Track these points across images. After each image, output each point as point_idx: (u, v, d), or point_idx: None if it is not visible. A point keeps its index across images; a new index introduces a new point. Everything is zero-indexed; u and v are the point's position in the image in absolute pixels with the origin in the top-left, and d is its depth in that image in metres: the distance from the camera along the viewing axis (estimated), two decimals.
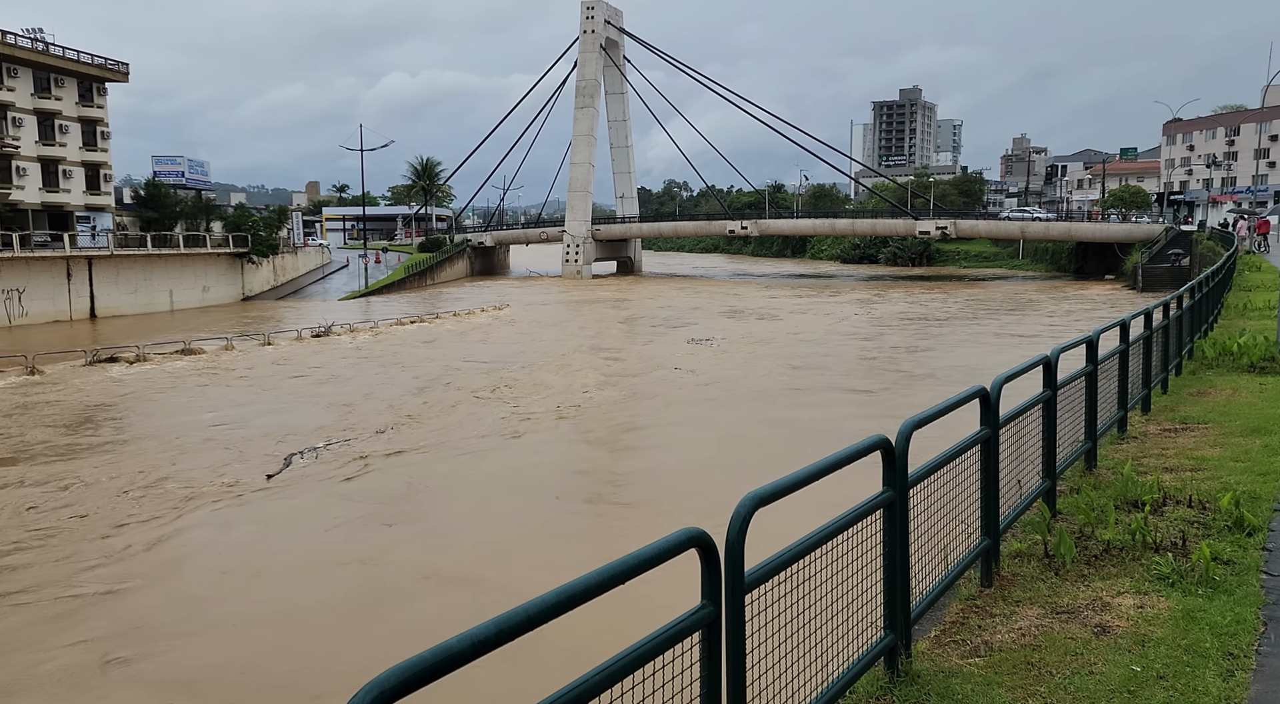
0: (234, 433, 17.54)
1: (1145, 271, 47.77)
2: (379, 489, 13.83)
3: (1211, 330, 14.01)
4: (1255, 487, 5.87)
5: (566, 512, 12.97)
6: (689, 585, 2.54)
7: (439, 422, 18.33)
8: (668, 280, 67.78)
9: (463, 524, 12.48)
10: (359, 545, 11.43)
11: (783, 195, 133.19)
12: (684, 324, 34.07)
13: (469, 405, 19.93)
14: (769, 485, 2.73)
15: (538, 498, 13.45)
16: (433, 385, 22.55)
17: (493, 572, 10.38)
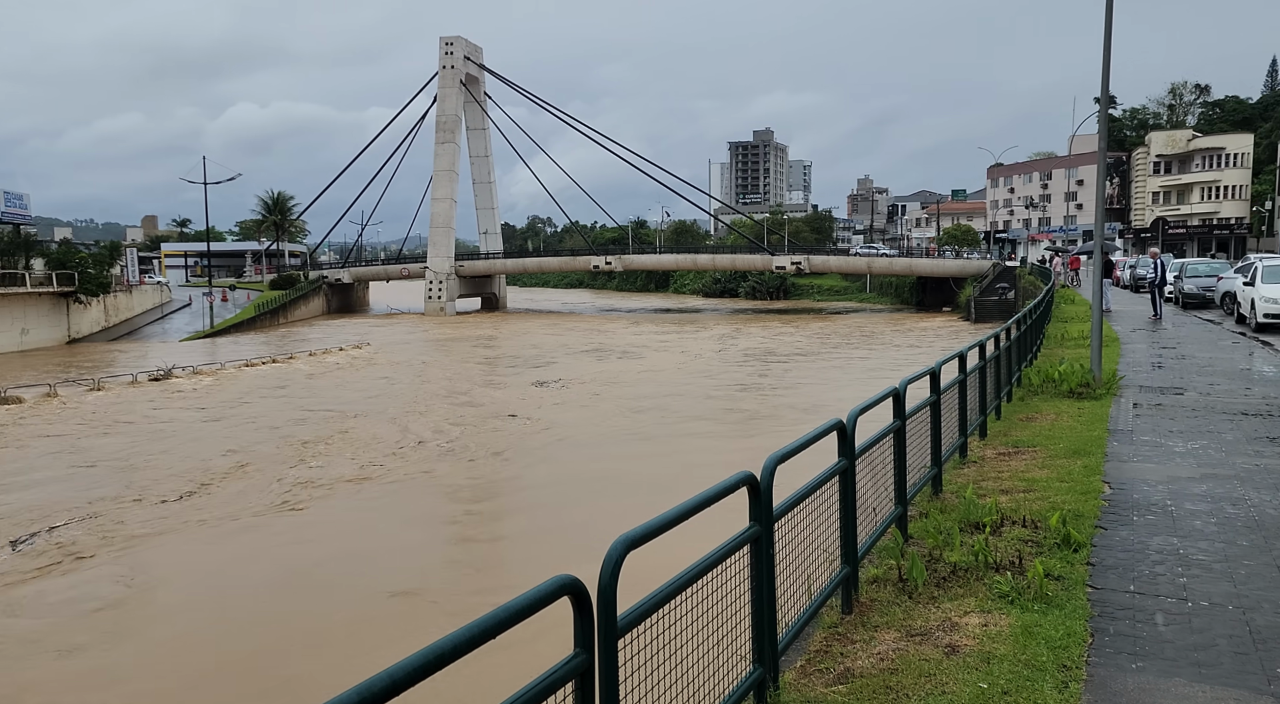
0: None
1: (977, 304, 51.52)
2: (79, 595, 10.67)
3: (1036, 359, 15.25)
4: (1079, 505, 6.40)
5: (309, 614, 10.13)
6: (557, 634, 2.51)
7: (235, 486, 15.49)
8: (534, 317, 67.52)
9: (180, 645, 9.43)
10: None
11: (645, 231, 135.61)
12: (546, 363, 33.34)
13: (278, 466, 16.97)
14: (640, 528, 2.74)
15: (293, 597, 10.74)
16: (261, 437, 19.91)
17: None
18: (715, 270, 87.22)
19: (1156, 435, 8.86)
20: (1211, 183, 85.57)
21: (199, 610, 10.55)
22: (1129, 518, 6.09)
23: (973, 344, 9.03)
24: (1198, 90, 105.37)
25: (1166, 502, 6.47)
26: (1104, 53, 12.38)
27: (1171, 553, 5.32)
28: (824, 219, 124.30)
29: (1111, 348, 16.58)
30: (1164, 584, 4.82)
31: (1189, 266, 30.55)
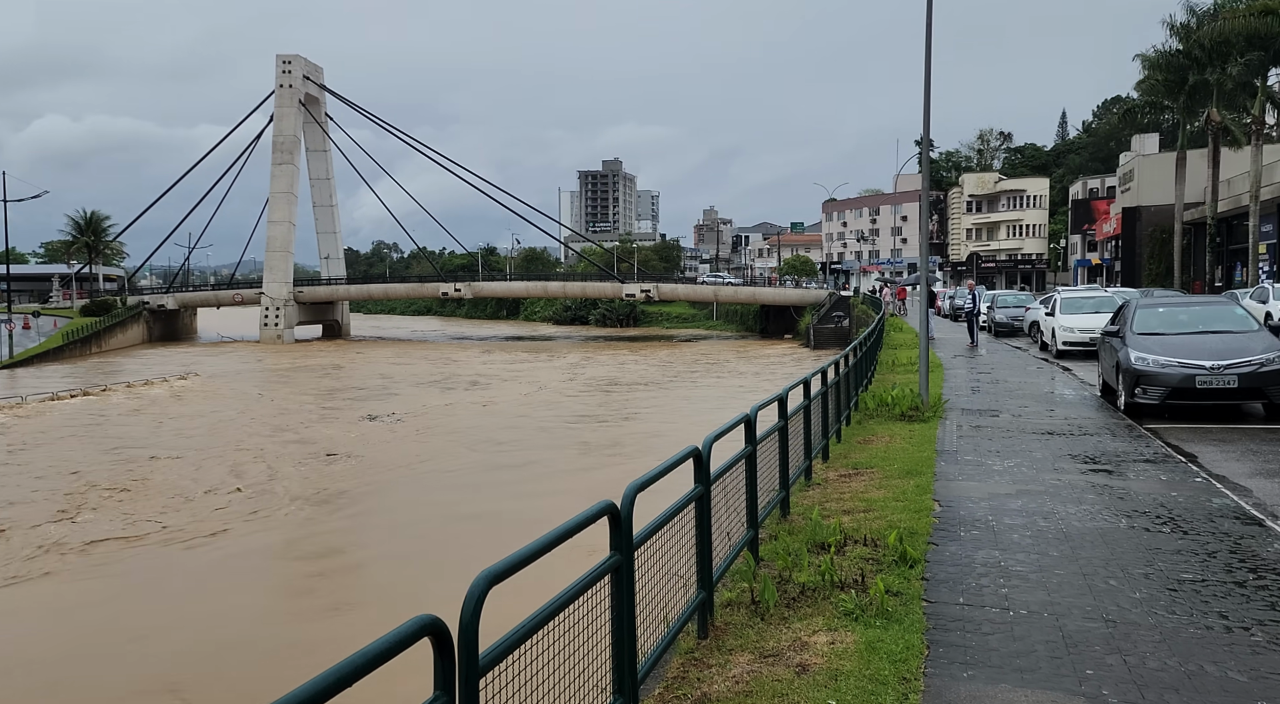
0: None
1: (816, 331, 54.19)
2: None
3: (871, 384, 16.19)
4: (913, 523, 6.81)
5: None
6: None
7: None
8: (379, 345, 65.20)
9: None
10: None
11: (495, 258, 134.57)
12: (388, 395, 31.64)
13: (41, 523, 14.19)
14: (502, 562, 2.68)
15: None
16: (41, 485, 17.11)
17: None
18: (566, 298, 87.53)
19: (977, 455, 9.58)
20: (1015, 221, 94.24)
21: None
22: (957, 533, 6.53)
23: (815, 371, 9.47)
24: (1002, 137, 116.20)
25: (989, 517, 6.99)
26: (924, 116, 13.43)
27: (994, 566, 5.74)
28: (672, 248, 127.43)
29: (936, 373, 17.84)
30: (989, 595, 5.20)
31: (999, 298, 33.42)
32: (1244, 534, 6.33)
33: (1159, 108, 48.98)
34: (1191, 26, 41.18)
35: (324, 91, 76.81)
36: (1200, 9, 41.48)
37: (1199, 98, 42.17)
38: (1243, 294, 31.64)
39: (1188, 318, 12.79)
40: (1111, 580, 5.39)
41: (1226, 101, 41.24)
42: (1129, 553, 5.94)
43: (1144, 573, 5.51)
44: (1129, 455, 9.37)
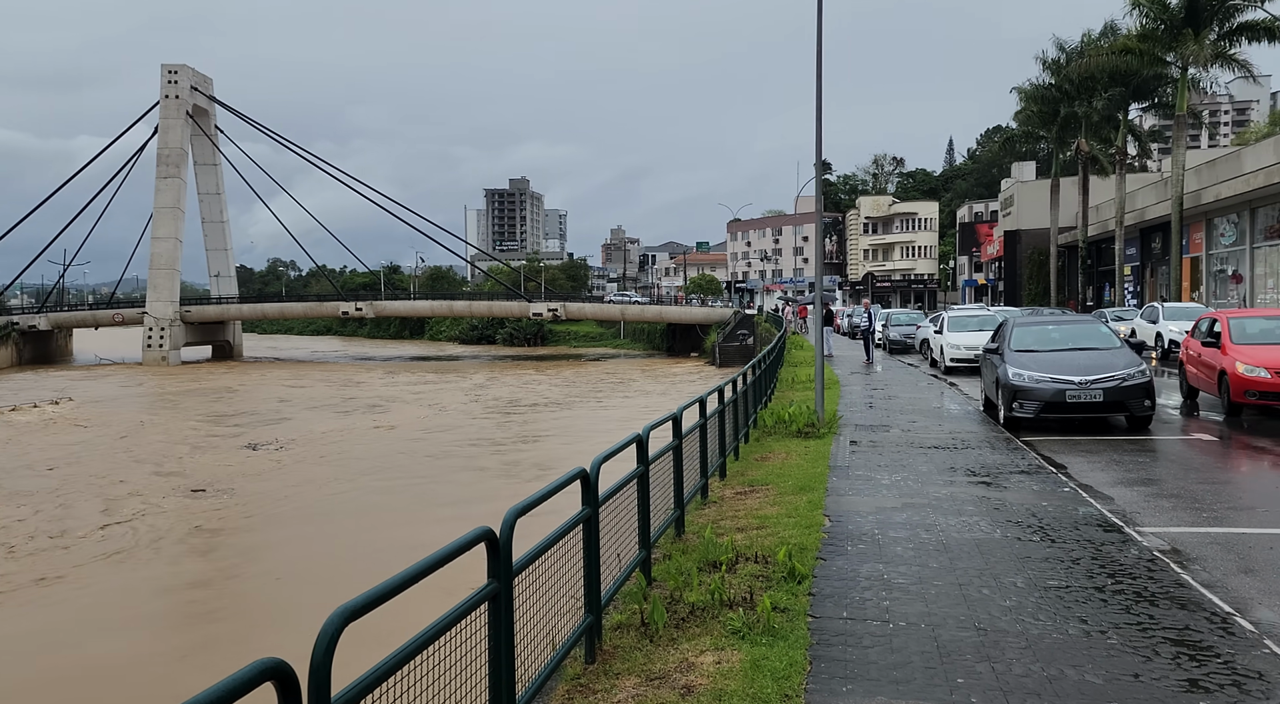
0: None
1: (721, 349, 55.05)
2: None
3: (770, 401, 16.52)
4: (803, 538, 6.96)
5: None
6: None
7: None
8: (274, 366, 62.79)
9: None
10: None
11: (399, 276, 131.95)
12: (279, 420, 29.81)
13: None
14: (361, 597, 2.57)
15: None
16: None
17: None
18: (472, 317, 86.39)
19: (868, 470, 9.88)
20: (909, 243, 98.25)
21: None
22: (844, 548, 6.70)
23: (711, 390, 9.60)
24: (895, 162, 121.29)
25: (874, 531, 7.20)
26: (816, 142, 13.88)
27: (878, 579, 5.91)
28: (580, 267, 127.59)
29: (833, 390, 18.36)
30: (871, 608, 5.34)
31: (893, 317, 34.71)
32: (1105, 541, 6.71)
33: (1035, 137, 52.08)
34: (1061, 63, 44.02)
35: (213, 103, 74.01)
36: (1069, 47, 44.39)
37: (1070, 129, 45.05)
38: (1134, 313, 33.68)
39: (1059, 336, 13.55)
40: (985, 589, 5.62)
41: (1094, 133, 44.19)
42: (1002, 562, 6.21)
43: (1014, 581, 5.76)
44: (1006, 468, 9.83)
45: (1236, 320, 14.08)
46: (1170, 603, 5.27)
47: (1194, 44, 32.52)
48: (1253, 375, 12.54)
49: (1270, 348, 12.92)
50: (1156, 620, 4.99)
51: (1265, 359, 12.61)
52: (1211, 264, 38.07)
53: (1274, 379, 12.39)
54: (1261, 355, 12.74)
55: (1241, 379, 12.65)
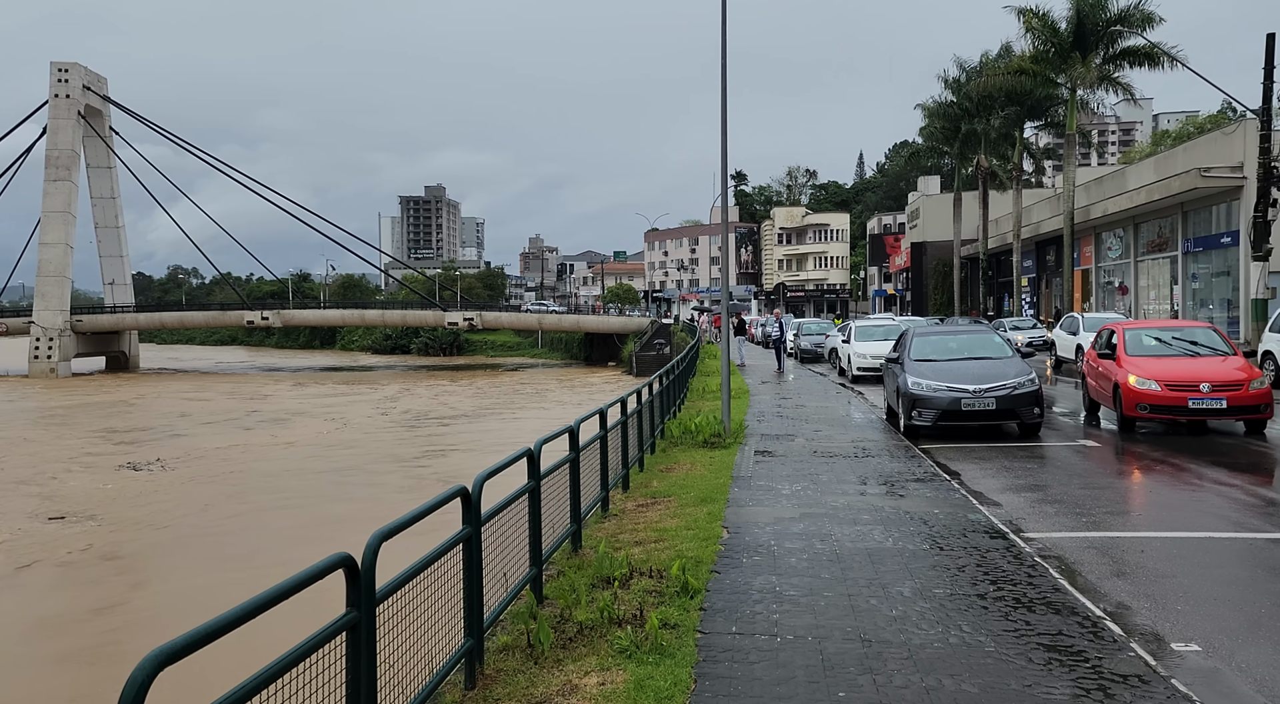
0: None
1: (638, 359, 55.18)
2: None
3: (680, 411, 16.54)
4: (700, 551, 6.91)
5: None
6: None
7: None
8: (173, 378, 60.07)
9: None
10: None
11: (310, 284, 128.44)
12: (171, 436, 27.75)
13: None
14: (184, 636, 2.32)
15: None
16: None
17: None
18: (386, 326, 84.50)
19: (770, 480, 9.94)
20: (821, 253, 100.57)
21: None
22: (739, 560, 6.69)
23: (613, 401, 9.52)
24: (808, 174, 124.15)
25: (771, 542, 7.22)
26: (721, 153, 14.01)
27: (770, 591, 5.90)
28: (497, 275, 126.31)
29: (741, 400, 18.53)
30: (760, 622, 5.31)
31: (804, 326, 35.38)
32: (990, 547, 6.88)
33: (939, 152, 54.06)
34: (962, 81, 45.83)
35: (108, 103, 70.61)
36: (969, 66, 46.26)
37: (971, 145, 46.91)
38: (1030, 322, 34.92)
39: (956, 345, 13.98)
40: (873, 599, 5.66)
41: (993, 149, 46.11)
42: (891, 571, 6.29)
43: (901, 591, 5.84)
44: (903, 475, 10.03)
45: (1133, 332, 13.86)
46: (1046, 609, 5.40)
47: (1081, 67, 34.27)
48: (1144, 388, 12.38)
49: (1164, 361, 12.85)
50: (1032, 626, 5.10)
51: (1157, 371, 12.52)
52: (1100, 276, 40.11)
53: (1164, 392, 12.22)
54: (1154, 368, 12.63)
55: (1133, 392, 12.46)
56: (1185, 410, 12.15)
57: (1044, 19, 35.66)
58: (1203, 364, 12.66)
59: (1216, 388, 12.05)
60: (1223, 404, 11.99)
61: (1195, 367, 12.60)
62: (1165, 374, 12.44)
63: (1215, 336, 13.50)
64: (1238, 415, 12.15)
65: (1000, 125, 43.27)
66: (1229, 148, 29.52)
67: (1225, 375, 12.27)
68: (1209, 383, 12.12)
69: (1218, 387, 12.06)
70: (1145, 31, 33.07)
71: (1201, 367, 12.58)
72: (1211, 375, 12.25)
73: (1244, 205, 27.99)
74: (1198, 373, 12.36)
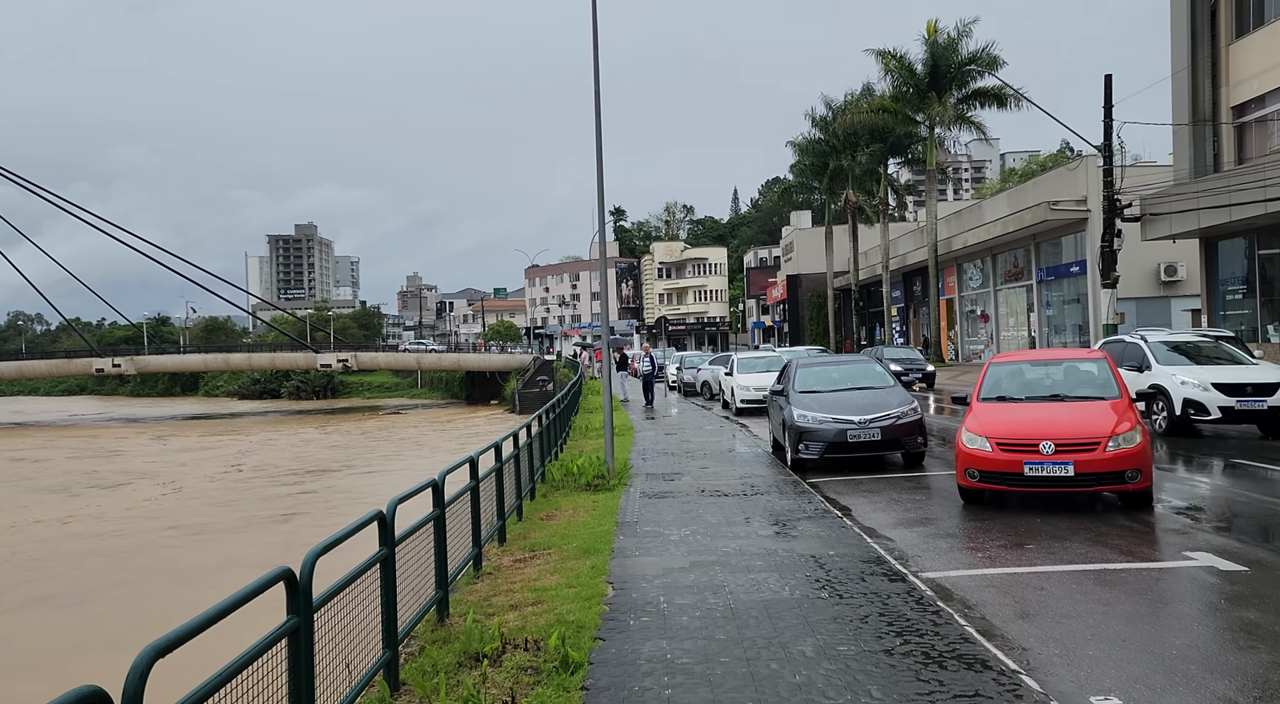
0: None
1: (521, 396, 54.03)
2: None
3: (561, 452, 15.80)
4: (582, 615, 6.21)
5: None
6: None
7: None
8: (10, 432, 54.63)
9: None
10: None
11: (169, 328, 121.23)
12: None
13: None
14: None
15: None
16: None
17: None
18: (253, 370, 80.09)
19: (657, 525, 9.35)
20: (701, 287, 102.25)
21: None
22: (626, 623, 6.03)
23: (485, 447, 8.74)
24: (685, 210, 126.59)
25: (660, 598, 6.59)
26: (598, 191, 13.56)
27: (661, 660, 5.27)
28: (373, 315, 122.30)
29: (626, 437, 17.96)
30: (651, 699, 4.67)
31: (687, 359, 35.33)
32: (890, 593, 6.48)
33: (809, 188, 55.85)
34: (829, 119, 47.58)
35: None
36: (835, 104, 48.11)
37: (839, 180, 48.62)
38: (906, 350, 35.36)
39: (839, 375, 13.87)
40: (773, 663, 5.11)
41: (859, 185, 47.93)
42: (791, 627, 5.77)
43: (803, 650, 5.31)
44: (794, 514, 9.64)
45: (1001, 368, 10.57)
46: (958, 663, 4.99)
47: (939, 105, 36.06)
48: (973, 448, 9.10)
49: (1017, 408, 9.50)
50: (947, 687, 4.66)
51: (997, 424, 9.11)
52: (963, 305, 42.02)
53: (996, 454, 8.86)
54: (997, 419, 9.24)
55: (963, 453, 9.24)
56: (1020, 479, 8.73)
57: (901, 61, 37.49)
58: (1059, 412, 9.16)
59: (1062, 448, 8.57)
60: (1069, 470, 8.51)
61: (1045, 416, 9.09)
62: (1004, 428, 9.01)
63: (1103, 372, 9.93)
64: (1090, 486, 8.61)
65: (866, 161, 45.05)
66: (1074, 182, 31.54)
67: (1077, 429, 8.72)
68: (1052, 441, 8.62)
69: (1063, 446, 8.57)
70: (992, 72, 35.18)
71: (1054, 416, 9.06)
72: (1060, 430, 8.73)
73: (1090, 236, 29.87)
74: (1043, 425, 8.85)
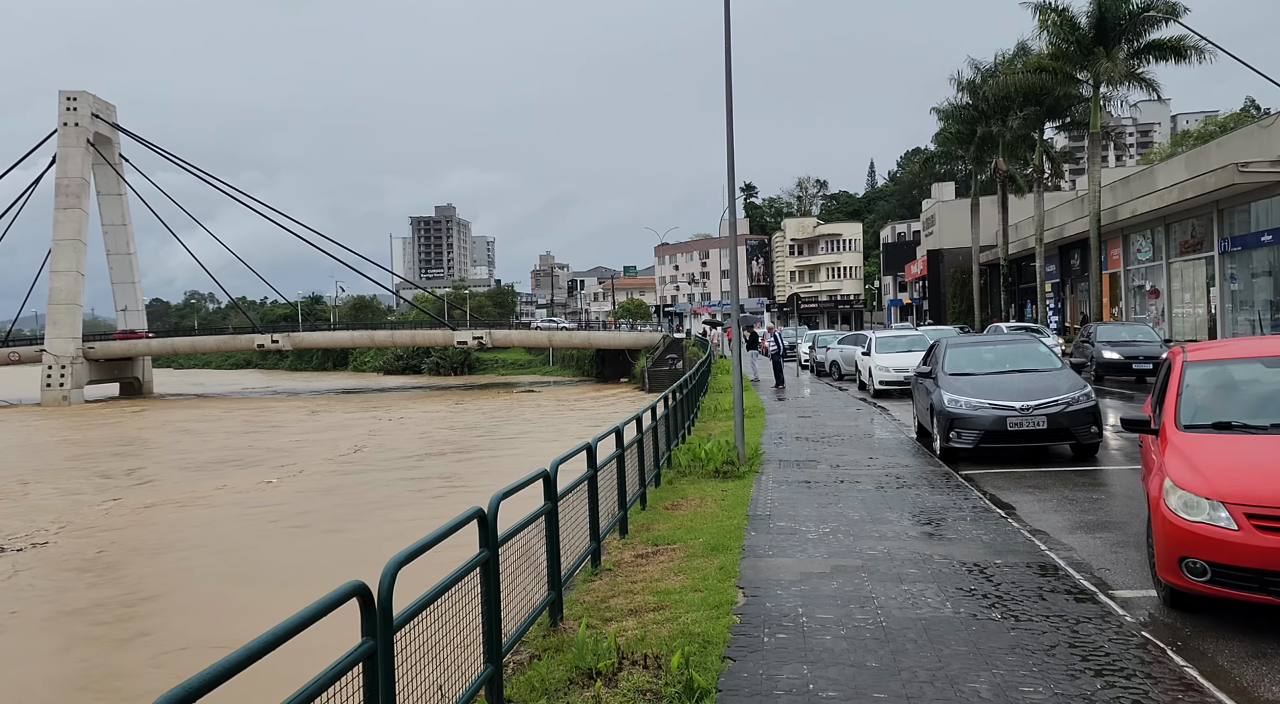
0: None
1: (650, 374, 53.77)
2: None
3: (689, 435, 15.10)
4: (709, 626, 5.49)
5: None
6: None
7: None
8: (185, 404, 59.13)
9: None
10: None
11: (321, 307, 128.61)
12: (147, 480, 25.64)
13: None
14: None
15: None
16: None
17: None
18: (395, 347, 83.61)
19: (792, 520, 8.50)
20: (834, 264, 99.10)
21: None
22: (760, 640, 5.27)
23: (605, 432, 8.13)
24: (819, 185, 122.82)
25: (798, 610, 5.79)
26: (728, 163, 12.67)
27: (802, 692, 4.48)
28: (507, 293, 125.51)
29: (756, 419, 17.08)
30: None
31: (819, 338, 33.88)
32: (1079, 616, 5.42)
33: (953, 157, 52.57)
34: (977, 83, 44.38)
35: (117, 131, 70.39)
36: (984, 67, 44.82)
37: (987, 148, 45.40)
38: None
39: (995, 357, 12.51)
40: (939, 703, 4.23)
41: (1009, 152, 44.55)
42: (958, 657, 4.84)
43: (976, 690, 4.39)
44: (948, 511, 8.58)
45: (1203, 370, 6.52)
46: None
47: (1106, 61, 32.76)
48: (1194, 520, 5.07)
49: (1256, 445, 5.50)
50: None
51: (1240, 479, 5.14)
52: (1130, 279, 38.40)
53: (1249, 535, 4.87)
54: (1232, 467, 5.29)
55: (1178, 531, 5.16)
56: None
57: (1062, 14, 34.24)
58: None
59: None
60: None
61: None
62: (1261, 486, 5.03)
63: None
64: None
65: (1018, 126, 41.74)
66: (1268, 142, 27.94)
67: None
68: None
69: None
70: (1169, 22, 31.60)
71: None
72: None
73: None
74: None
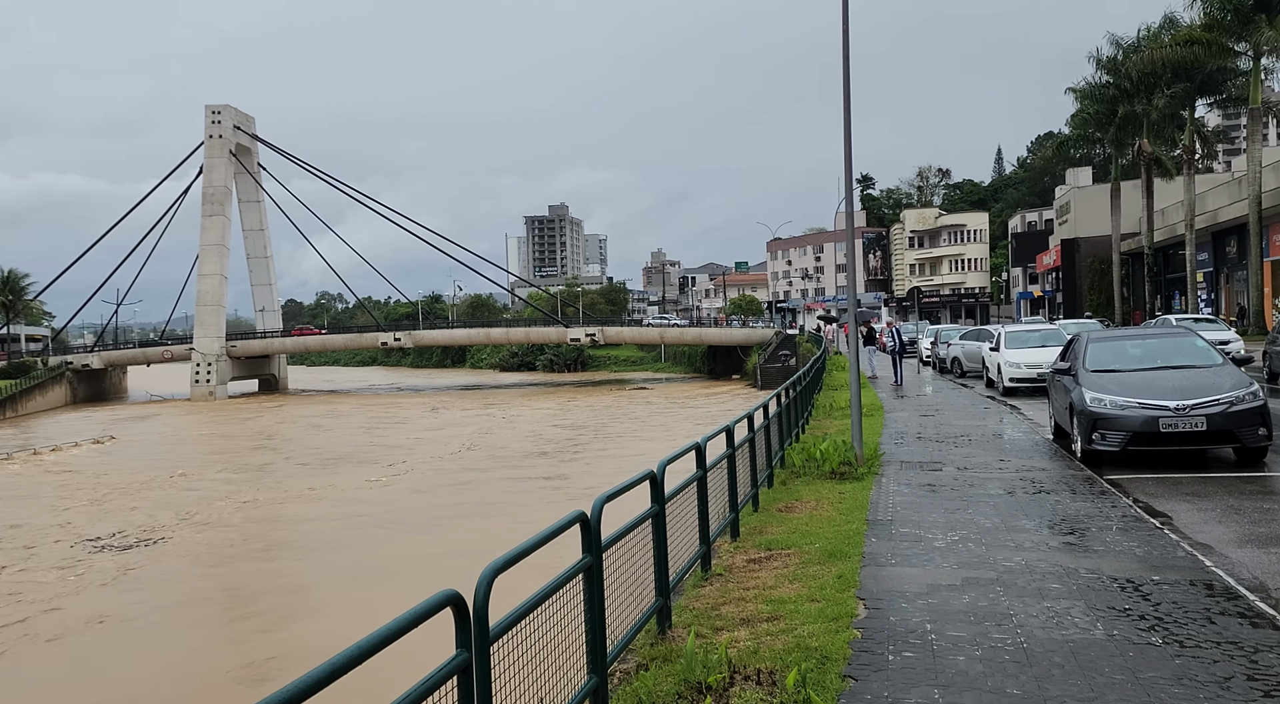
0: None
1: (763, 371, 52.95)
2: None
3: (803, 433, 14.57)
4: (827, 640, 5.11)
5: None
6: None
7: None
8: (316, 400, 62.35)
9: None
10: None
11: (441, 305, 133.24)
12: (240, 477, 26.43)
13: None
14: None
15: None
16: None
17: None
18: (510, 344, 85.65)
19: (916, 526, 7.96)
20: (957, 256, 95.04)
21: None
22: (884, 658, 4.85)
23: (713, 432, 7.81)
24: (940, 174, 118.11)
25: (926, 626, 5.32)
26: (845, 154, 12.09)
27: None
28: (619, 291, 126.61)
29: (875, 418, 16.36)
30: None
31: (943, 333, 32.38)
32: (1257, 644, 4.75)
33: (1090, 140, 49.37)
34: (1118, 60, 41.49)
35: (256, 141, 74.86)
36: (1125, 43, 41.87)
37: (1129, 129, 42.37)
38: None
39: (1144, 352, 11.46)
40: None
41: (1155, 132, 41.43)
42: (1114, 687, 4.29)
43: None
44: (1094, 520, 7.83)
45: None
46: None
47: (1269, 29, 29.92)
48: None
49: None
50: None
51: None
52: None
53: None
54: None
55: None
56: None
57: None
58: None
59: None
60: None
61: None
62: None
63: None
64: None
65: (1165, 105, 38.76)
66: None
67: None
68: None
69: None
70: None
71: None
72: None
73: None
74: None
